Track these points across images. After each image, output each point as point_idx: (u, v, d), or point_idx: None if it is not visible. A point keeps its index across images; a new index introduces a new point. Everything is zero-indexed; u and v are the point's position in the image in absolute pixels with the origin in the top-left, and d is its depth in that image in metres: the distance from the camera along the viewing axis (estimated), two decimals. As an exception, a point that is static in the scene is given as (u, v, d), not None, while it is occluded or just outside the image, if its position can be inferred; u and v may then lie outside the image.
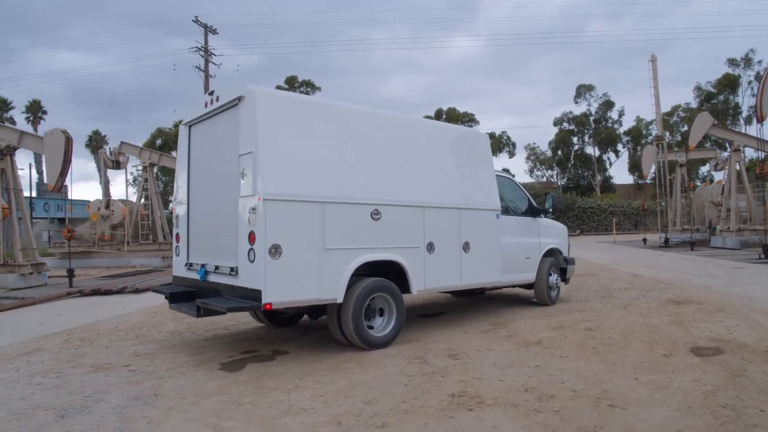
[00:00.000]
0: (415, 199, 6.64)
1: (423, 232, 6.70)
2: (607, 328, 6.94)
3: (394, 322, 6.35)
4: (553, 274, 9.17)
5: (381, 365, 5.48)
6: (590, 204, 42.19)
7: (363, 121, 6.38)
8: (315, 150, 5.80)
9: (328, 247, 5.73)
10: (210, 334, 7.55)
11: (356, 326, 5.94)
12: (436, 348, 6.12)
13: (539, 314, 8.23)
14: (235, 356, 6.14)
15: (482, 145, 7.92)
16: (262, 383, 5.03)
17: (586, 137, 61.56)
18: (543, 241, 9.09)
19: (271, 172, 5.42)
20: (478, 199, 7.57)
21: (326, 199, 5.73)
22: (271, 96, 5.61)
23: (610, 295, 9.98)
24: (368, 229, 6.11)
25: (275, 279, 5.34)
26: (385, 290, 6.26)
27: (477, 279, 7.56)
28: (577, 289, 10.99)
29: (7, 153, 15.41)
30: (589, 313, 8.11)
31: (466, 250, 7.25)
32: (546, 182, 63.92)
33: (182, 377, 5.34)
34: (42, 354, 6.63)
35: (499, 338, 6.56)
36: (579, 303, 9.26)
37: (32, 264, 15.36)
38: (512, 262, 8.28)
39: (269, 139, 5.46)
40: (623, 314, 7.91)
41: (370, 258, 6.13)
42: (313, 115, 5.87)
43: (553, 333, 6.73)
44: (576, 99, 61.77)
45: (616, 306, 8.72)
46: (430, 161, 6.98)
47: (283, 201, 5.40)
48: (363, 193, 6.09)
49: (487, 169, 7.87)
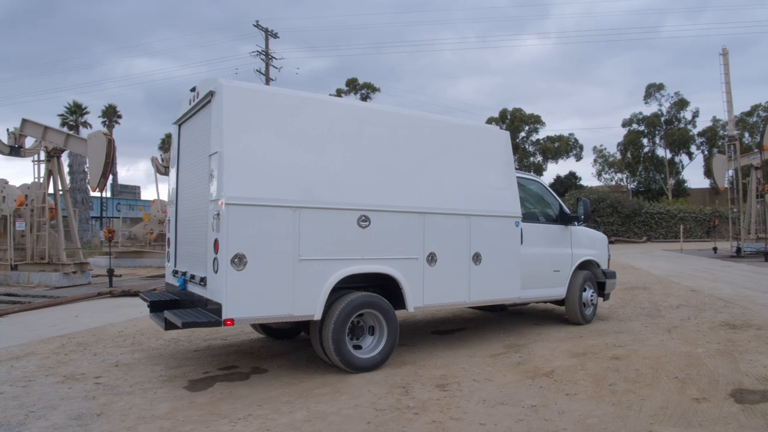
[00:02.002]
0: (414, 204, 5.92)
1: (422, 241, 5.97)
2: (638, 357, 5.92)
3: (385, 343, 5.66)
4: (587, 290, 8.14)
5: (356, 393, 4.82)
6: (658, 209, 39.25)
7: (351, 116, 5.74)
8: (292, 149, 5.22)
9: (304, 258, 5.13)
10: (205, 344, 7.16)
11: (337, 346, 5.30)
12: (428, 374, 5.38)
13: (567, 335, 7.27)
14: (211, 372, 5.68)
15: (500, 143, 7.06)
16: (216, 408, 4.51)
17: (657, 139, 57.73)
18: (576, 252, 8.08)
19: (237, 173, 4.90)
20: (493, 204, 6.73)
21: (302, 204, 5.13)
22: (240, 90, 5.09)
23: (657, 314, 8.79)
24: (354, 237, 5.47)
25: (238, 292, 4.81)
26: (373, 306, 5.58)
27: (490, 295, 6.72)
28: (623, 305, 9.82)
29: (55, 155, 15.94)
30: (625, 337, 7.06)
31: (476, 262, 6.43)
32: (615, 186, 60.62)
33: (141, 395, 4.93)
34: (30, 359, 6.46)
35: (507, 365, 5.72)
36: (618, 323, 8.18)
37: (76, 263, 15.77)
38: (536, 276, 7.36)
39: (236, 138, 4.95)
40: (664, 340, 6.82)
41: (356, 270, 5.48)
42: (291, 111, 5.30)
43: (572, 361, 5.81)
44: (646, 99, 58.08)
45: (659, 328, 7.59)
46: (434, 161, 6.23)
47: (248, 206, 4.86)
48: (348, 198, 5.45)
49: (506, 171, 7.01)
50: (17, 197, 15.77)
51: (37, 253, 15.75)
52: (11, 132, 16.10)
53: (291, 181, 5.14)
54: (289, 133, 5.23)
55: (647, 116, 57.38)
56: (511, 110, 57.94)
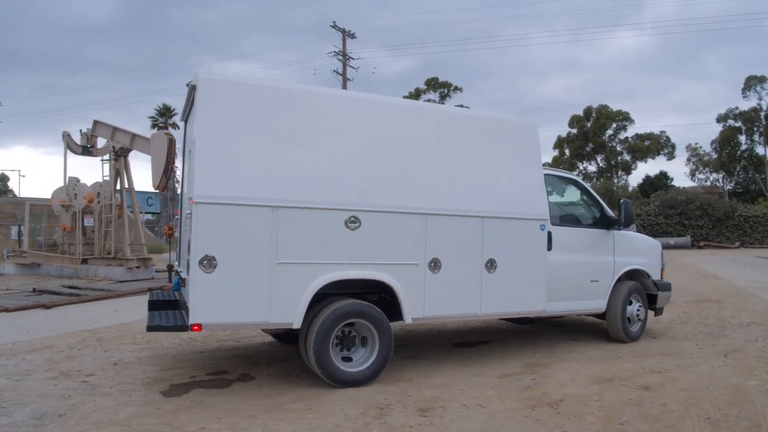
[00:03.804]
0: (413, 204, 5.37)
1: (424, 245, 5.42)
2: (674, 388, 5.02)
3: (376, 357, 5.17)
4: (633, 303, 7.16)
5: (327, 412, 4.39)
6: (754, 212, 35.20)
7: (340, 108, 5.28)
8: (273, 144, 4.88)
9: (282, 261, 4.77)
10: (215, 345, 7.02)
11: (319, 358, 4.89)
12: (418, 395, 4.83)
13: (602, 355, 6.40)
14: (198, 377, 5.48)
15: (525, 137, 6.31)
16: (175, 418, 4.28)
17: (756, 136, 52.12)
18: (620, 260, 7.12)
19: (209, 170, 4.63)
20: (514, 205, 6.01)
21: (281, 203, 4.77)
22: (217, 83, 4.80)
23: (719, 333, 7.61)
24: (342, 240, 5.03)
25: (207, 296, 4.54)
26: (363, 316, 5.12)
27: (506, 307, 6.02)
28: (684, 321, 8.65)
29: (122, 154, 16.77)
30: (669, 360, 6.09)
31: (490, 270, 5.77)
32: (710, 187, 55.59)
33: (115, 397, 4.83)
34: (44, 352, 6.61)
35: (512, 389, 5.03)
36: (669, 342, 7.14)
37: (139, 258, 16.52)
38: (567, 287, 6.55)
39: (210, 133, 4.68)
40: (714, 366, 5.79)
41: (343, 276, 5.04)
42: (273, 104, 4.95)
43: (591, 389, 5.02)
44: (744, 92, 52.40)
45: (714, 351, 6.50)
46: (440, 157, 5.64)
47: (218, 205, 4.57)
48: (335, 197, 5.01)
49: (531, 168, 6.25)
50: (87, 194, 16.76)
51: (104, 249, 16.66)
52: (84, 133, 17.15)
53: (270, 179, 4.80)
54: (270, 127, 4.89)
55: (744, 111, 51.88)
56: (596, 107, 54.73)
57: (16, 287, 13.75)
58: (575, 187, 7.20)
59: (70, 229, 17.08)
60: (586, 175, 55.36)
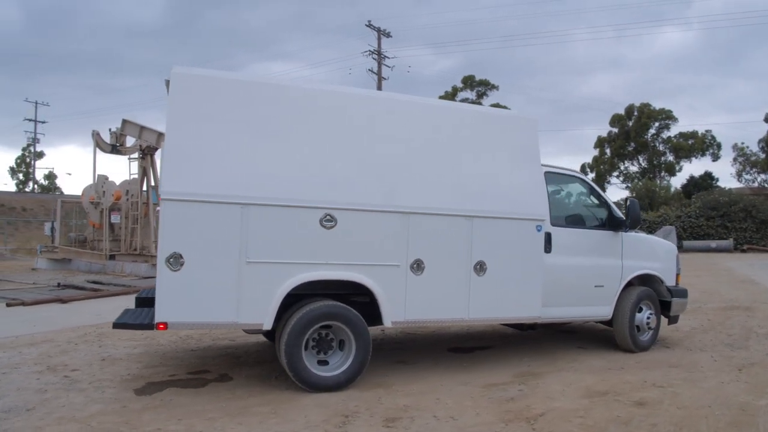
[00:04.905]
0: (394, 202, 5.15)
1: (406, 245, 5.19)
2: (672, 405, 4.62)
3: (352, 361, 4.97)
4: (644, 310, 6.71)
5: (290, 418, 4.24)
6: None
7: (316, 103, 5.09)
8: (244, 139, 4.75)
9: (252, 260, 4.64)
10: (209, 344, 6.99)
11: (290, 360, 4.74)
12: (390, 403, 4.61)
13: (604, 366, 6.01)
14: (178, 375, 5.43)
15: (523, 132, 5.97)
16: (137, 417, 4.26)
17: (807, 134, 49.05)
18: (629, 264, 6.68)
19: (177, 167, 4.54)
20: (507, 204, 5.69)
21: (251, 200, 4.64)
22: (188, 77, 4.71)
23: (741, 344, 7.06)
24: (316, 239, 4.86)
25: (173, 294, 4.46)
26: (338, 318, 4.93)
27: (497, 312, 5.72)
28: (707, 330, 8.09)
29: (148, 153, 17.14)
30: (676, 373, 5.66)
31: (479, 272, 5.49)
32: (758, 188, 52.76)
33: (88, 393, 4.86)
34: (41, 346, 6.72)
35: (494, 400, 4.75)
36: (683, 352, 6.67)
37: (163, 254, 16.81)
38: (568, 292, 6.19)
39: (179, 128, 4.60)
40: (725, 382, 5.33)
41: (318, 276, 4.88)
42: (246, 99, 4.82)
43: (579, 403, 4.68)
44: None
45: (730, 365, 6.01)
46: (425, 153, 5.39)
47: (185, 201, 4.47)
48: (309, 194, 4.85)
49: (528, 165, 5.91)
50: (115, 192, 17.20)
51: (130, 245, 17.06)
52: (113, 132, 17.60)
53: (241, 175, 4.68)
54: (242, 122, 4.77)
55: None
56: (638, 105, 52.75)
57: (42, 282, 14.22)
58: (580, 185, 6.80)
59: (98, 225, 17.57)
60: (626, 176, 53.53)
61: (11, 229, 32.21)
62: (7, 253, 23.36)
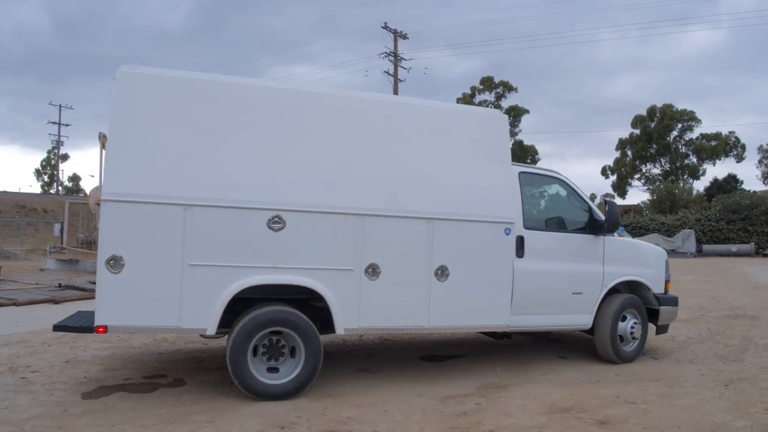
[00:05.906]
0: (347, 203, 4.96)
1: (360, 249, 4.99)
2: (636, 425, 4.32)
3: (301, 369, 4.79)
4: (628, 319, 6.36)
5: (226, 427, 4.10)
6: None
7: (263, 101, 4.92)
8: (188, 139, 4.64)
9: (195, 263, 4.51)
10: (180, 347, 6.90)
11: (235, 368, 4.60)
12: (333, 415, 4.41)
13: (578, 378, 5.71)
14: (132, 379, 5.35)
15: (490, 130, 5.70)
16: (73, 423, 4.22)
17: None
18: (611, 270, 6.35)
19: (119, 167, 4.46)
20: (471, 205, 5.43)
21: (194, 202, 4.52)
22: (131, 75, 4.60)
23: (737, 357, 6.66)
24: (263, 242, 4.71)
25: (113, 297, 4.37)
26: (286, 324, 4.76)
27: (461, 320, 5.47)
28: (704, 339, 7.69)
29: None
30: (654, 388, 5.33)
31: (440, 278, 5.26)
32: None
33: (37, 396, 4.83)
34: (13, 347, 6.73)
35: (444, 415, 4.50)
36: (671, 364, 6.32)
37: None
38: (541, 299, 5.90)
39: (122, 127, 4.51)
40: (705, 399, 4.99)
41: (264, 281, 4.72)
42: (190, 97, 4.71)
43: (536, 421, 4.42)
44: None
45: (717, 379, 5.65)
46: (382, 152, 5.18)
47: (124, 202, 4.38)
48: (255, 195, 4.70)
49: (497, 164, 5.64)
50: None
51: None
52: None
53: (184, 176, 4.56)
54: (186, 120, 4.65)
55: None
56: (660, 107, 51.49)
57: (45, 282, 14.40)
58: (560, 186, 6.50)
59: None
60: (648, 178, 52.25)
61: (31, 230, 33.01)
62: (21, 254, 23.87)
